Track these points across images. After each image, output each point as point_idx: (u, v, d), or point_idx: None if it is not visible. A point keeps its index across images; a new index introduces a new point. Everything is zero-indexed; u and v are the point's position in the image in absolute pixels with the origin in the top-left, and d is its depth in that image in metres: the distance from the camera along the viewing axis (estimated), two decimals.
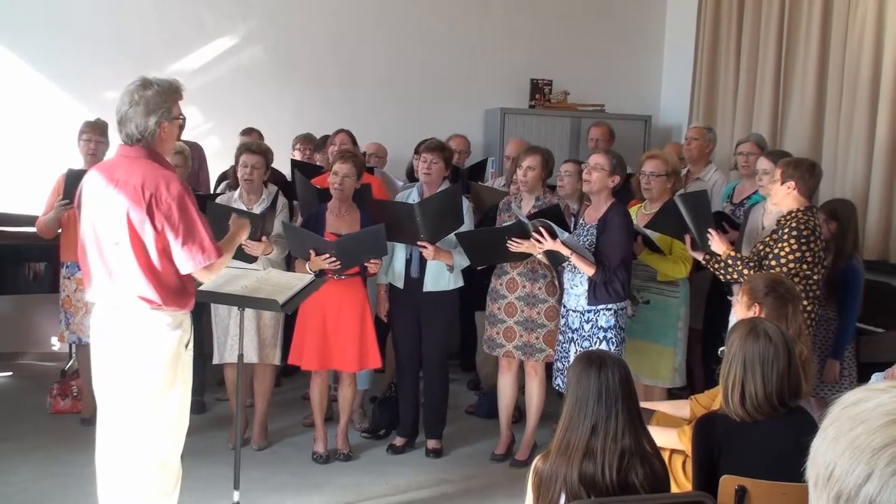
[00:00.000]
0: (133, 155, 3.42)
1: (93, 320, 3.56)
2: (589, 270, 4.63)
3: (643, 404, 3.17)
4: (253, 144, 5.35)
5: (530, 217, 4.84)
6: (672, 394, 5.22)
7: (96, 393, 3.55)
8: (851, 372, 4.98)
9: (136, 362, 3.43)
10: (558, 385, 4.90)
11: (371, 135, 6.78)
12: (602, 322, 4.70)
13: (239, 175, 5.27)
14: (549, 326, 5.18)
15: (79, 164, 5.64)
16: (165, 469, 3.56)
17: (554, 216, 4.80)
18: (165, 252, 3.38)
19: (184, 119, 3.64)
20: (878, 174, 5.96)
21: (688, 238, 4.72)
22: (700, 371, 5.78)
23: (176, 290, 3.45)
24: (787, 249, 4.28)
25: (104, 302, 3.49)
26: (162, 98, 3.40)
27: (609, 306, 4.69)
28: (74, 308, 5.60)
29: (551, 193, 5.41)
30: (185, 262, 3.37)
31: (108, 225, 3.39)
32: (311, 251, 4.84)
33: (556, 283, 5.22)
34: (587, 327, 4.73)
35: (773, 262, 4.29)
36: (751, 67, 7.31)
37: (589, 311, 4.73)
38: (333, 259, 4.81)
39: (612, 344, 4.67)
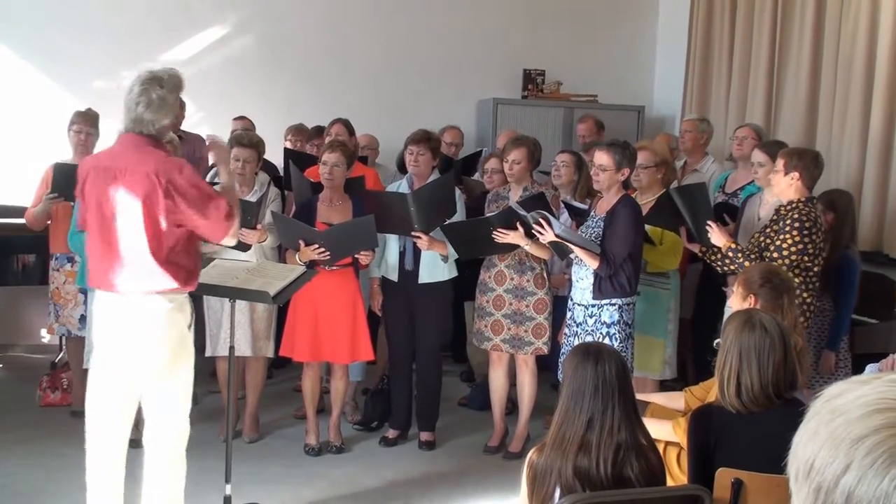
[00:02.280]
0: (138, 143, 3.48)
1: (95, 308, 3.65)
2: (593, 263, 4.51)
3: (637, 396, 3.15)
4: (244, 138, 5.29)
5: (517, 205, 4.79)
6: (664, 385, 5.20)
7: (102, 378, 3.62)
8: (847, 363, 4.97)
9: (141, 349, 3.53)
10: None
11: (363, 126, 6.73)
12: (605, 317, 4.59)
13: (231, 167, 5.22)
14: (538, 319, 5.15)
15: (68, 154, 5.60)
16: (181, 442, 3.79)
17: (539, 205, 4.74)
18: (181, 235, 3.51)
19: (183, 105, 3.69)
20: (872, 165, 5.95)
21: (683, 230, 4.69)
22: (691, 362, 5.77)
23: (188, 271, 3.57)
24: (790, 241, 4.25)
25: (110, 290, 3.54)
26: (174, 95, 3.54)
27: (613, 301, 4.57)
28: (64, 300, 5.55)
29: (540, 183, 5.38)
30: (215, 232, 3.55)
31: (120, 213, 3.45)
32: (301, 241, 4.81)
33: (545, 275, 5.19)
34: (590, 322, 4.63)
35: (776, 254, 4.26)
36: (744, 57, 7.29)
37: (593, 306, 4.62)
38: (323, 249, 4.78)
39: (616, 340, 4.54)
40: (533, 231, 4.62)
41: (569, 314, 4.84)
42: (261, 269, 4.39)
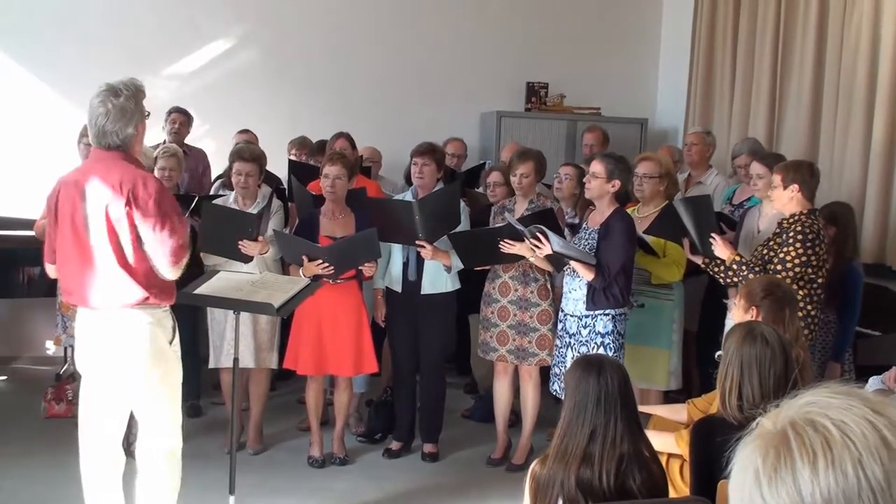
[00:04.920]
0: (108, 158, 3.50)
1: (77, 324, 3.66)
2: (588, 275, 4.57)
3: (640, 408, 3.16)
4: (245, 151, 5.31)
5: (523, 220, 4.82)
6: (668, 397, 5.20)
7: (83, 394, 3.66)
8: (851, 375, 4.97)
9: (119, 363, 3.54)
10: (556, 390, 4.87)
11: (366, 138, 6.77)
12: (599, 327, 4.64)
13: (233, 182, 5.26)
14: (542, 330, 5.16)
15: (75, 166, 5.62)
16: (174, 457, 3.77)
17: (548, 220, 4.77)
18: (143, 248, 3.49)
19: (148, 113, 3.68)
20: (875, 177, 5.96)
21: (686, 242, 4.70)
22: (696, 374, 5.76)
23: (158, 284, 3.56)
24: (794, 253, 4.26)
25: (86, 305, 3.57)
26: (134, 102, 3.50)
27: (607, 312, 4.63)
28: (72, 311, 5.55)
29: (545, 196, 5.40)
30: (157, 258, 3.49)
31: (89, 225, 3.47)
32: (304, 257, 4.83)
33: (549, 286, 5.20)
34: (584, 332, 4.68)
35: (779, 266, 4.27)
36: (747, 70, 7.31)
37: (587, 317, 4.67)
38: (326, 265, 4.80)
39: (610, 350, 4.60)
40: (531, 245, 4.64)
41: (560, 325, 4.87)
42: (264, 282, 4.40)
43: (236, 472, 4.30)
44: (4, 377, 6.86)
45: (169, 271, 3.52)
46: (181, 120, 6.42)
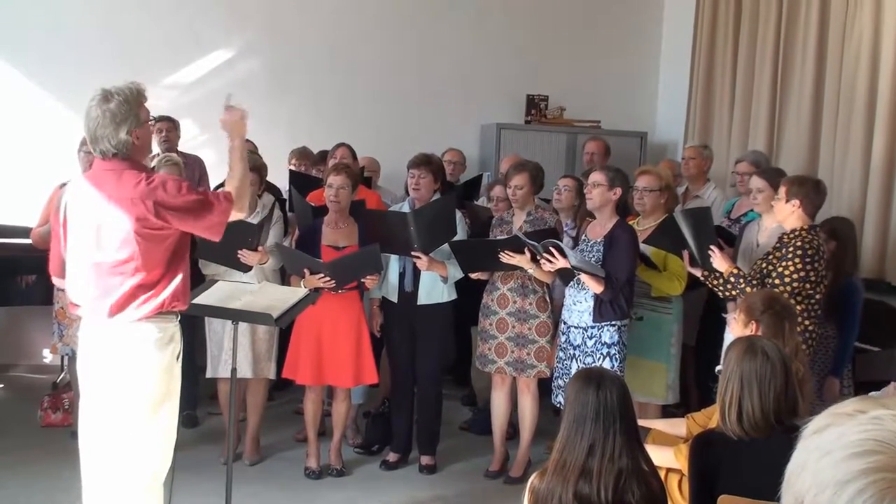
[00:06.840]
0: (115, 168, 3.39)
1: (81, 335, 3.54)
2: (598, 288, 4.59)
3: (639, 422, 3.15)
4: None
5: (529, 237, 4.82)
6: (667, 411, 5.19)
7: (83, 406, 3.54)
8: (850, 391, 4.97)
9: (127, 378, 3.42)
10: (560, 403, 4.85)
11: (367, 149, 6.77)
12: (606, 338, 4.66)
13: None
14: (541, 342, 5.16)
15: (74, 175, 5.62)
16: (156, 482, 3.58)
17: (548, 238, 4.78)
18: (177, 250, 3.43)
19: (154, 120, 3.60)
20: (875, 192, 5.96)
21: (685, 254, 4.70)
22: (694, 388, 5.76)
23: (172, 291, 3.45)
24: (792, 269, 4.26)
25: (95, 317, 3.47)
26: (127, 107, 3.38)
27: (613, 322, 4.67)
28: (69, 320, 5.53)
29: (543, 209, 5.40)
30: (213, 230, 3.46)
31: (102, 238, 3.36)
32: (306, 270, 4.83)
33: (547, 298, 5.20)
34: (590, 343, 4.69)
35: (777, 281, 4.27)
36: (747, 84, 7.32)
37: (592, 328, 4.69)
38: (328, 278, 4.79)
39: (616, 360, 4.64)
40: (541, 258, 4.64)
41: (563, 337, 4.88)
42: (263, 292, 4.40)
43: (233, 482, 4.28)
44: (1, 385, 6.84)
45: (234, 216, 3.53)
46: (167, 127, 6.40)
